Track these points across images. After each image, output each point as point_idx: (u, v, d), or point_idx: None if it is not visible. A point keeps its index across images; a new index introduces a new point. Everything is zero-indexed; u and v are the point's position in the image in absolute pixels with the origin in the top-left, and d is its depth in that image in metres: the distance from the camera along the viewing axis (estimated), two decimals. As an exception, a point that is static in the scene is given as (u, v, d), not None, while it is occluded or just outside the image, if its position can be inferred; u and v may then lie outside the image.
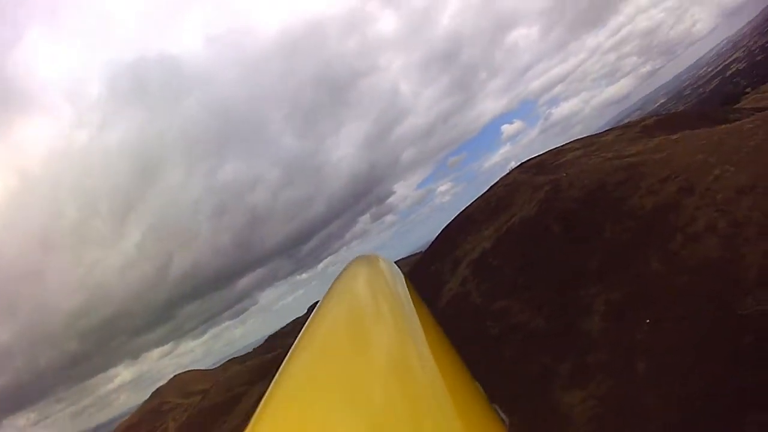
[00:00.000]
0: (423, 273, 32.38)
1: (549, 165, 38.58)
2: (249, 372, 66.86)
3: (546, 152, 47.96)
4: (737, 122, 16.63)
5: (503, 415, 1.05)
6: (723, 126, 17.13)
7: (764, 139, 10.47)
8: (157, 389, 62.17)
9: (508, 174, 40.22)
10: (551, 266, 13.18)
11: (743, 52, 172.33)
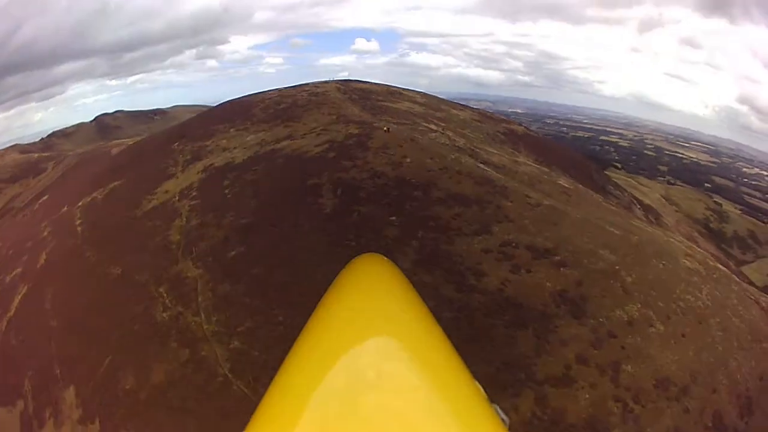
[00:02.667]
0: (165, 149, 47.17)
1: (375, 101, 54.27)
2: (16, 167, 68.81)
3: (381, 85, 64.50)
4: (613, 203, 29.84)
5: (503, 415, 1.10)
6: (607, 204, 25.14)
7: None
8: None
9: (326, 82, 54.41)
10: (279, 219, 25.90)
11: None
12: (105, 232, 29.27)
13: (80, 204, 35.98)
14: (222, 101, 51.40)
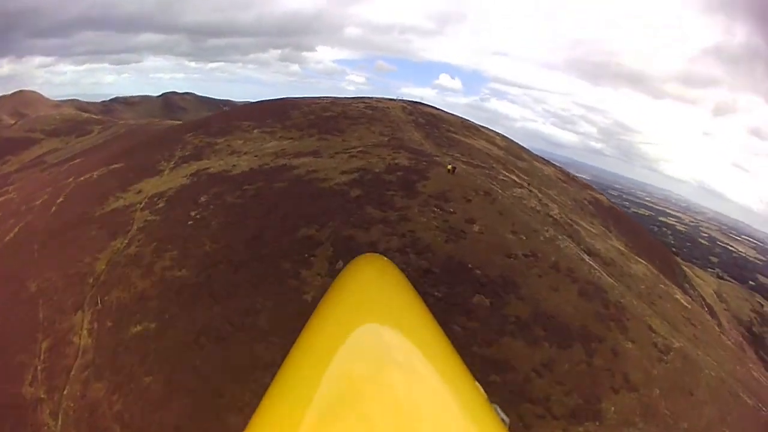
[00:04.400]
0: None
1: (444, 131, 43.46)
2: (63, 122, 65.88)
3: (456, 116, 53.12)
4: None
5: (503, 415, 1.09)
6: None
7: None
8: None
9: (393, 100, 44.67)
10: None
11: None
12: (62, 225, 23.26)
13: (78, 180, 29.73)
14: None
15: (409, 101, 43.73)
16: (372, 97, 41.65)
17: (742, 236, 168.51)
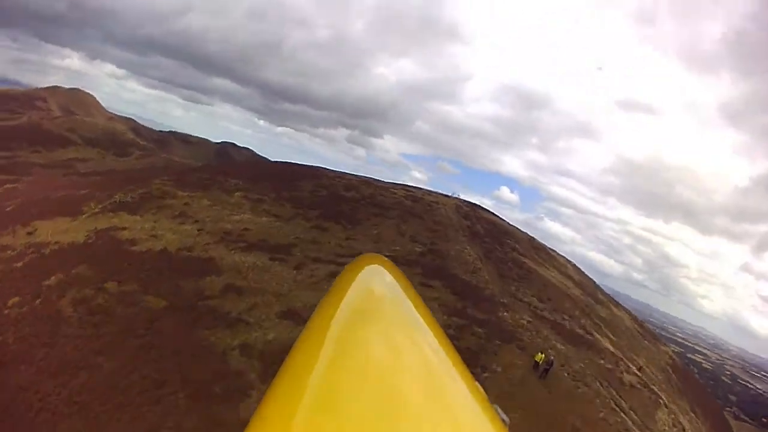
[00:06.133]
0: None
1: (509, 249, 30.86)
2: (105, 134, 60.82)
3: (521, 231, 39.82)
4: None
5: (503, 416, 1.06)
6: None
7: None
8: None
9: (446, 196, 33.49)
10: None
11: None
12: None
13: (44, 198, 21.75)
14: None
15: (466, 201, 33.43)
16: (419, 188, 31.86)
17: (762, 372, 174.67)
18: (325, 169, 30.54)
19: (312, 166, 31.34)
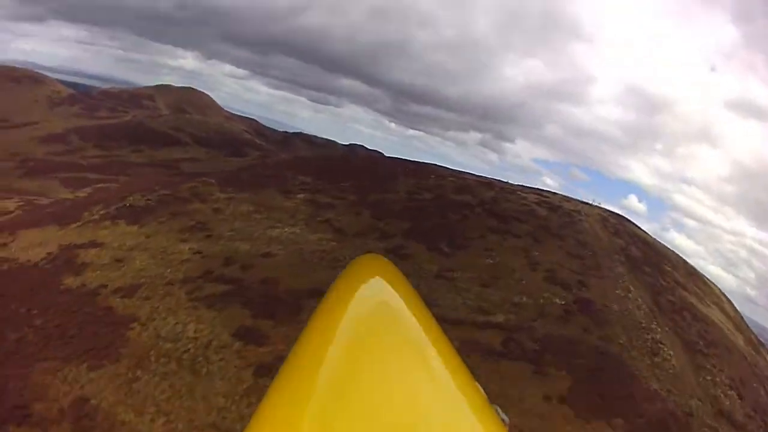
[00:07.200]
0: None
1: (669, 281, 20.94)
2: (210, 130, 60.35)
3: (672, 250, 28.28)
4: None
5: (503, 415, 1.05)
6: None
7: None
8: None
9: (588, 204, 24.27)
10: None
11: None
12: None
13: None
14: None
15: (610, 211, 24.04)
16: (554, 192, 23.53)
17: None
18: (435, 165, 23.80)
19: (419, 162, 24.86)
